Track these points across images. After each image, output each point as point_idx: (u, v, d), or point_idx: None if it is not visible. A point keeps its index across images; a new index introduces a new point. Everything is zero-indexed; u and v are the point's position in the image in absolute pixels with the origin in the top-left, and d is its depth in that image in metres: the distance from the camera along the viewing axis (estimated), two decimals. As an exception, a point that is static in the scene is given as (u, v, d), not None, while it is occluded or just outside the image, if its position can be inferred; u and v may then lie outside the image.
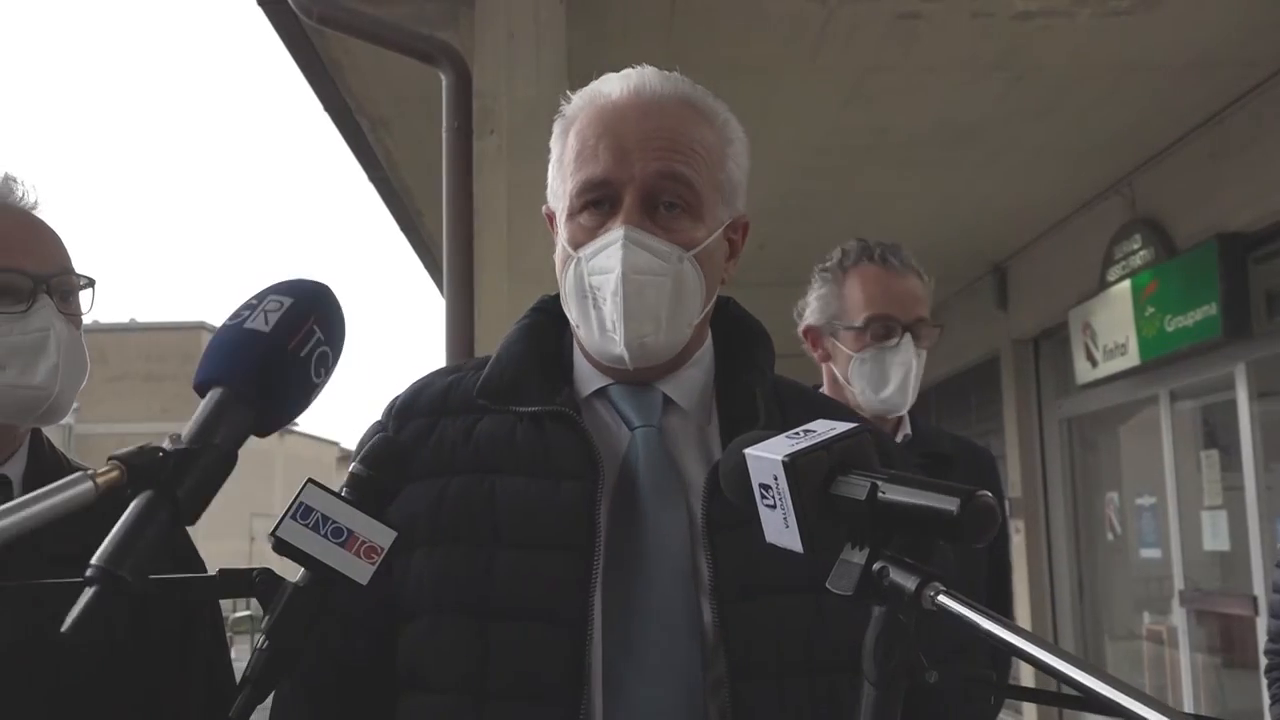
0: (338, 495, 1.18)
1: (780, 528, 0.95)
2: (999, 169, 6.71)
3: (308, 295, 1.06)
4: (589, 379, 1.45)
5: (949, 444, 2.78)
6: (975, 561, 2.59)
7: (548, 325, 1.51)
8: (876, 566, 0.88)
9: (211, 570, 1.20)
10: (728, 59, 5.06)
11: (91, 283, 1.74)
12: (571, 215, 1.41)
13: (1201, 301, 6.19)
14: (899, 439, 2.67)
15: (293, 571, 1.14)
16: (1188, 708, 6.93)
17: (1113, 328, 7.29)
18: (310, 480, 1.20)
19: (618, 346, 1.36)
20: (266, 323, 1.01)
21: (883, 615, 0.90)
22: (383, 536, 1.20)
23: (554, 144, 1.47)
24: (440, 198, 4.30)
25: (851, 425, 0.98)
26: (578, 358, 1.48)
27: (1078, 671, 0.77)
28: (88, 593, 0.84)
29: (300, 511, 1.18)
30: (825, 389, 2.68)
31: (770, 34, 4.91)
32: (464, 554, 1.33)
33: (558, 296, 1.49)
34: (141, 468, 0.91)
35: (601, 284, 1.35)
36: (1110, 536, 8.27)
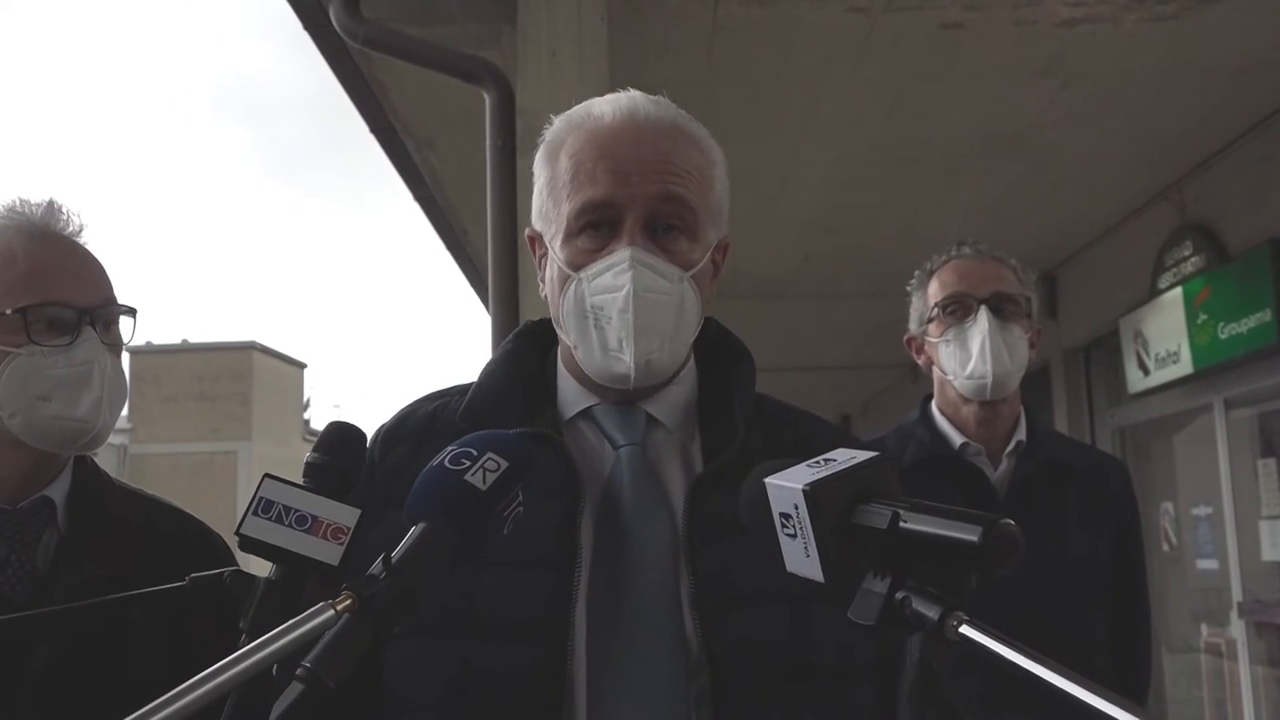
0: (296, 484, 1.22)
1: (801, 557, 0.95)
2: (1046, 177, 6.64)
3: (521, 463, 1.14)
4: (574, 401, 1.47)
5: (1071, 453, 2.67)
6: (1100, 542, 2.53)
7: (529, 350, 1.53)
8: (899, 596, 0.87)
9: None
10: (770, 72, 5.04)
11: (132, 311, 1.76)
12: (569, 237, 1.41)
13: (1255, 308, 6.08)
14: (1011, 445, 2.58)
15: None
16: (1248, 721, 6.82)
17: (1165, 335, 7.18)
18: (267, 475, 1.23)
19: (623, 365, 1.36)
20: (484, 482, 1.10)
21: (915, 664, 0.89)
22: (347, 516, 1.23)
23: (540, 168, 1.48)
24: (485, 215, 4.33)
25: (872, 454, 0.97)
26: (562, 380, 1.49)
27: (1112, 707, 0.76)
28: (296, 688, 0.93)
29: (261, 506, 1.21)
30: (935, 398, 2.70)
31: (812, 46, 4.89)
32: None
33: (540, 322, 1.53)
34: (367, 598, 1.00)
35: (606, 303, 1.36)
36: (1166, 548, 8.13)
